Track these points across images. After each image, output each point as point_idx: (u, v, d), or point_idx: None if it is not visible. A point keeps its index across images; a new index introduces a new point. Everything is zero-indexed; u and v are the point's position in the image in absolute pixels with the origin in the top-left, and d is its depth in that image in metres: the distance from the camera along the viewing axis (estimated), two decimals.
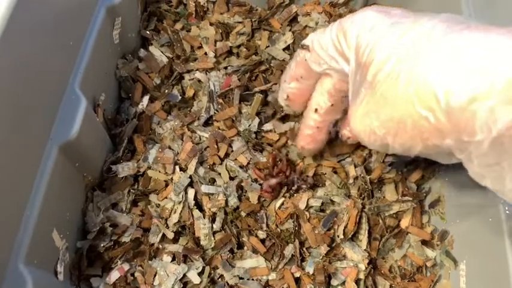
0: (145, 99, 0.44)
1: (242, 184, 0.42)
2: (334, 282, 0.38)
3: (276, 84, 0.46)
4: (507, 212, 0.32)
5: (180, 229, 0.40)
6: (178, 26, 0.49)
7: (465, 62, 0.23)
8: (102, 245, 0.37)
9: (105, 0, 0.39)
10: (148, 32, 0.47)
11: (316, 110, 0.36)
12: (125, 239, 0.38)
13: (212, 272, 0.38)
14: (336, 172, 0.43)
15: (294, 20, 0.50)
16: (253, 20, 0.49)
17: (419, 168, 0.43)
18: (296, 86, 0.37)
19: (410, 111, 0.25)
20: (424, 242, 0.40)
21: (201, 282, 0.37)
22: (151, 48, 0.46)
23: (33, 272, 0.28)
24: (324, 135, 0.38)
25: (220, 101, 0.45)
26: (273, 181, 0.41)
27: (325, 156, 0.43)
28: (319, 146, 0.39)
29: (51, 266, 0.33)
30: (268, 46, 0.48)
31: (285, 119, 0.45)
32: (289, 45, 0.48)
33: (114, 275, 0.37)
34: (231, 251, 0.39)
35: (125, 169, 0.40)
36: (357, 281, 0.38)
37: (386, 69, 0.26)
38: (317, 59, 0.33)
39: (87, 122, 0.34)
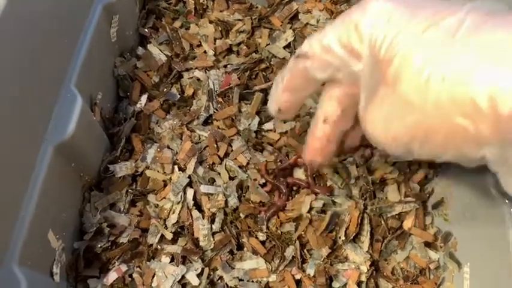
0: (144, 98, 0.43)
1: (242, 184, 0.41)
2: (335, 284, 0.38)
3: None
4: None
5: (178, 230, 0.39)
6: (177, 24, 0.48)
7: (508, 63, 0.20)
8: (99, 245, 0.36)
9: None
10: (146, 30, 0.47)
11: (325, 121, 0.32)
12: (123, 239, 0.38)
13: (211, 273, 0.38)
14: (337, 172, 0.42)
15: (294, 17, 0.49)
16: (253, 17, 0.48)
17: (422, 169, 0.42)
18: (290, 99, 0.32)
19: (443, 119, 0.22)
20: (428, 244, 0.40)
21: (200, 283, 0.37)
22: (150, 47, 0.46)
23: (27, 273, 0.28)
24: (334, 147, 0.33)
25: (220, 99, 0.44)
26: (272, 210, 0.40)
27: None
28: (328, 159, 0.34)
29: (46, 267, 0.32)
30: (269, 44, 0.48)
31: None
32: (289, 43, 0.47)
33: (112, 276, 0.36)
34: (231, 252, 0.39)
35: (123, 169, 0.40)
36: (359, 283, 0.38)
37: (411, 69, 0.22)
38: (321, 64, 0.28)
39: (83, 121, 0.33)
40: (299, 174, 0.43)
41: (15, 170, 0.28)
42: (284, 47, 0.47)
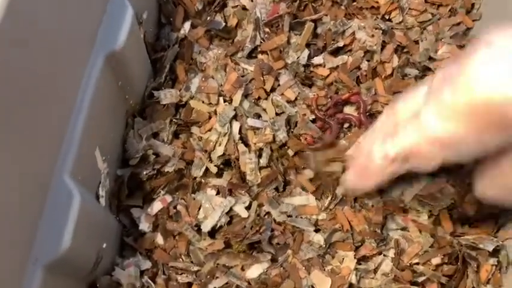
0: (187, 24, 0.40)
1: (290, 120, 0.39)
2: (391, 225, 0.36)
3: (326, 15, 0.43)
4: None
5: (223, 164, 0.37)
6: None
7: None
8: (144, 172, 0.35)
9: None
10: None
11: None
12: (168, 168, 0.36)
13: (258, 208, 0.36)
14: None
15: None
16: None
17: None
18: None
19: None
20: None
21: (248, 216, 0.35)
22: None
23: (78, 187, 0.26)
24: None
25: (267, 30, 0.41)
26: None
27: (379, 92, 0.40)
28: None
29: (93, 188, 0.30)
30: None
31: (337, 52, 0.42)
32: None
33: (156, 206, 0.34)
34: (276, 189, 0.37)
35: (167, 96, 0.37)
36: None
37: None
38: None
39: (132, 34, 0.31)
40: (350, 111, 0.40)
41: (65, 76, 0.26)
42: None
